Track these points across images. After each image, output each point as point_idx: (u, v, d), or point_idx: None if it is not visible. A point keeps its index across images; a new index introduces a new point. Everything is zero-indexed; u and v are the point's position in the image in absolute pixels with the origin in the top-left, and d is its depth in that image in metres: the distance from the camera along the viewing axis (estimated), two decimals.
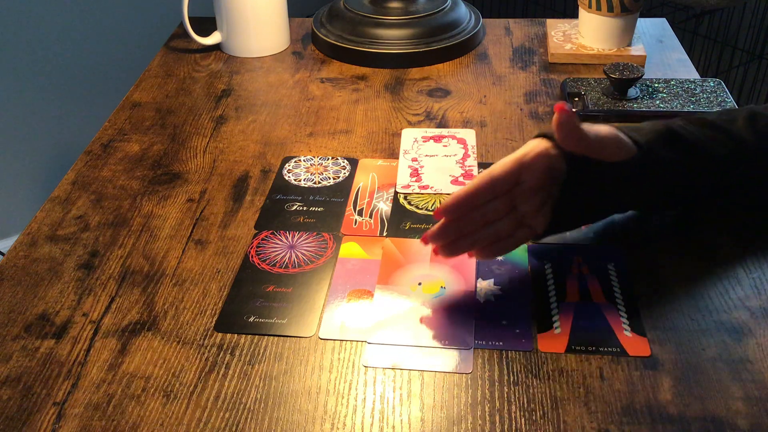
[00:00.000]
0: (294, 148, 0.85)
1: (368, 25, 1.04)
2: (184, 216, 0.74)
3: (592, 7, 1.00)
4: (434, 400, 0.55)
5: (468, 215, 0.61)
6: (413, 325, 0.61)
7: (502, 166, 0.61)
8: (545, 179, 0.61)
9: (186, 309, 0.64)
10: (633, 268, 0.66)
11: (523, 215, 0.62)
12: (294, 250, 0.70)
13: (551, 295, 0.64)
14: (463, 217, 0.61)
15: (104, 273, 0.68)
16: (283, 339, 0.61)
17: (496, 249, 0.63)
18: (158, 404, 0.55)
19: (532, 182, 0.61)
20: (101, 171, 0.82)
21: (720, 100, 0.89)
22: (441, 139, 0.86)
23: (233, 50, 1.06)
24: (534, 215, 0.62)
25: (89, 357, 0.59)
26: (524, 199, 0.62)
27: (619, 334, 0.60)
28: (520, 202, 0.62)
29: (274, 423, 0.54)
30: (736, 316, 0.61)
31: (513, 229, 0.62)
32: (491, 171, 0.60)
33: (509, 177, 0.60)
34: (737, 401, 0.54)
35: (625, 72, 0.88)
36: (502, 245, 0.63)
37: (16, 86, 1.88)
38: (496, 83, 0.97)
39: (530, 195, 0.61)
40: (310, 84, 0.99)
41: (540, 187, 0.61)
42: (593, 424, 0.53)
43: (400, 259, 0.68)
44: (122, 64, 2.00)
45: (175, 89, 0.98)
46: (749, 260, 0.67)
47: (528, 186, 0.61)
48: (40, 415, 0.55)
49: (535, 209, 0.62)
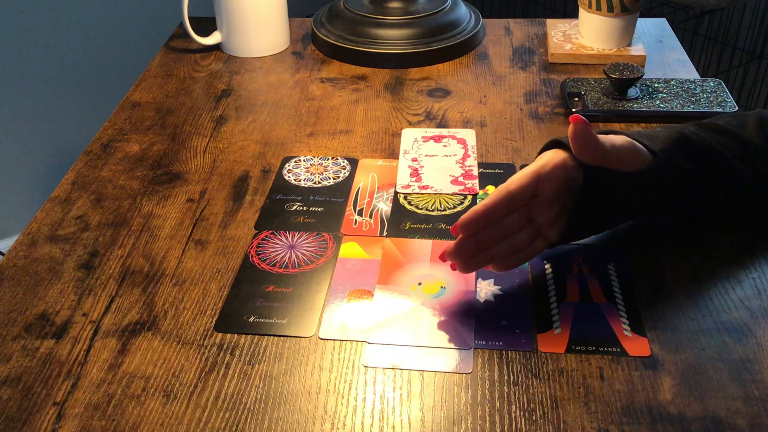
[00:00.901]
0: (294, 148, 0.85)
1: (368, 25, 1.04)
2: (184, 216, 0.74)
3: (592, 7, 1.00)
4: (434, 400, 0.55)
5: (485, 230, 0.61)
6: (413, 325, 0.61)
7: (519, 181, 0.60)
8: (562, 190, 0.61)
9: (186, 309, 0.64)
10: (633, 268, 0.66)
11: (539, 226, 0.62)
12: (294, 250, 0.70)
13: (551, 295, 0.64)
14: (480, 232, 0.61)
15: (104, 273, 0.68)
16: (283, 339, 0.61)
17: (515, 260, 0.63)
18: (158, 404, 0.55)
19: (549, 194, 0.61)
20: (101, 171, 0.82)
21: (720, 100, 0.89)
22: (441, 139, 0.86)
23: (233, 50, 1.06)
24: (550, 226, 0.62)
25: (89, 357, 0.59)
26: (540, 211, 0.62)
27: (619, 334, 0.60)
28: (536, 214, 0.62)
29: (274, 423, 0.54)
30: (736, 316, 0.61)
31: (530, 240, 0.62)
32: (508, 186, 0.60)
33: (527, 191, 0.60)
34: (737, 401, 0.54)
35: (625, 72, 0.88)
36: (519, 256, 0.63)
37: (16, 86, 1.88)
38: (496, 83, 0.97)
39: (546, 207, 0.61)
40: (310, 84, 0.99)
41: (556, 198, 0.61)
42: (593, 424, 0.53)
43: (400, 259, 0.68)
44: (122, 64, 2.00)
45: (175, 89, 0.98)
46: (749, 260, 0.67)
47: (544, 198, 0.61)
48: (40, 415, 0.55)
49: (552, 220, 0.62)
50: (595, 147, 0.59)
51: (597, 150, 0.60)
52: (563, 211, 0.63)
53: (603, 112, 0.87)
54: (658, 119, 0.87)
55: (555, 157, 0.61)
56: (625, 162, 0.62)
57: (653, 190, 0.64)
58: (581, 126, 0.58)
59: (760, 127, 0.68)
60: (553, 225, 0.63)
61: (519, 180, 0.60)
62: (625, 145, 0.62)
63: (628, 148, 0.62)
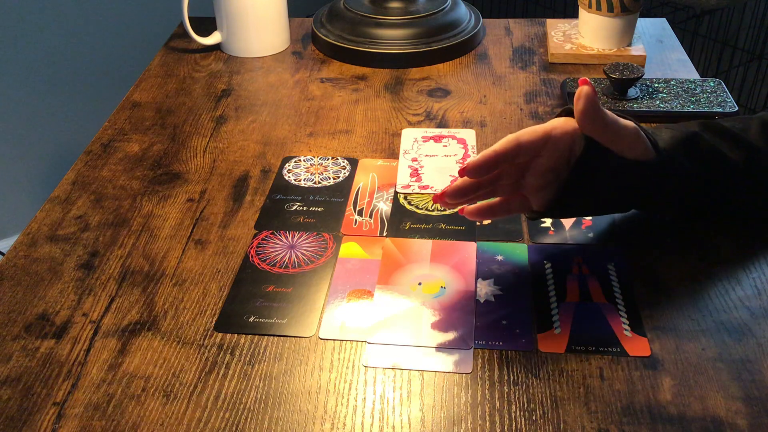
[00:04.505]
0: (294, 148, 0.85)
1: (368, 25, 1.04)
2: (184, 216, 0.74)
3: (592, 7, 1.00)
4: (434, 400, 0.55)
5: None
6: (413, 325, 0.61)
7: (531, 135, 0.60)
8: (563, 159, 0.61)
9: (186, 309, 0.64)
10: (633, 268, 0.66)
11: (527, 189, 0.62)
12: (294, 250, 0.70)
13: (551, 295, 0.64)
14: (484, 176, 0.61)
15: (104, 273, 0.68)
16: (283, 339, 0.61)
17: (488, 212, 0.64)
18: (158, 404, 0.55)
19: (550, 158, 0.61)
20: (101, 171, 0.82)
21: (720, 100, 0.89)
22: (441, 139, 0.86)
23: (233, 50, 1.06)
24: (536, 191, 0.62)
25: (89, 357, 0.59)
26: (534, 173, 0.62)
27: (619, 334, 0.60)
28: (529, 175, 0.62)
29: (274, 423, 0.54)
30: (736, 316, 0.61)
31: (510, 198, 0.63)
32: (519, 137, 0.60)
33: (534, 147, 0.60)
34: (737, 401, 0.54)
35: (625, 72, 0.88)
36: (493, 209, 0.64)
37: (16, 86, 1.88)
38: (496, 83, 0.97)
39: (542, 171, 0.61)
40: (310, 84, 0.99)
41: (555, 164, 0.61)
42: (593, 424, 0.53)
43: (400, 259, 0.68)
44: (122, 64, 2.00)
45: (175, 89, 0.98)
46: (749, 260, 0.67)
47: (544, 161, 0.61)
48: (40, 415, 0.55)
49: (541, 186, 0.62)
50: (596, 113, 0.59)
51: (598, 117, 0.59)
52: (554, 181, 0.62)
53: None
54: (658, 119, 0.87)
55: (567, 124, 0.61)
56: (625, 145, 0.61)
57: (651, 185, 0.64)
58: (587, 89, 0.58)
59: (763, 130, 0.68)
60: (539, 191, 0.62)
61: (530, 134, 0.60)
62: (629, 128, 0.61)
63: (631, 131, 0.61)
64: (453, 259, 0.68)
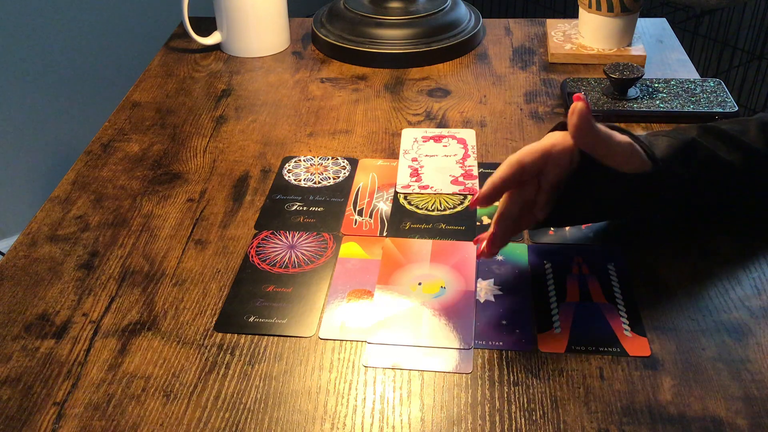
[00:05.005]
0: (294, 148, 0.85)
1: (368, 25, 1.04)
2: (184, 216, 0.74)
3: (592, 7, 1.00)
4: (434, 400, 0.55)
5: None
6: (413, 325, 0.61)
7: (532, 155, 0.60)
8: (563, 175, 0.61)
9: (186, 309, 0.64)
10: (633, 268, 0.66)
11: (533, 204, 0.63)
12: (294, 250, 0.70)
13: (551, 295, 0.64)
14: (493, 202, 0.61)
15: (104, 273, 0.68)
16: (283, 339, 0.61)
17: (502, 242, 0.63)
18: (158, 404, 0.55)
19: (553, 175, 0.61)
20: (101, 171, 0.82)
21: (720, 100, 0.89)
22: (441, 139, 0.86)
23: (233, 50, 1.06)
24: (545, 205, 0.63)
25: (89, 357, 0.59)
26: (542, 190, 0.62)
27: (619, 334, 0.60)
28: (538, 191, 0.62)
29: (274, 423, 0.54)
30: (736, 316, 0.61)
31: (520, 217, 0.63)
32: (521, 159, 0.60)
33: (536, 167, 0.61)
34: (737, 401, 0.54)
35: (625, 72, 0.88)
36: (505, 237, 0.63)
37: (16, 86, 1.88)
38: (496, 83, 0.97)
39: (548, 186, 0.62)
40: (310, 84, 0.99)
41: (558, 180, 0.61)
42: (593, 424, 0.53)
43: (400, 259, 0.68)
44: (122, 64, 2.00)
45: (175, 89, 0.98)
46: (749, 260, 0.67)
47: (547, 178, 0.61)
48: (40, 415, 0.55)
49: (549, 200, 0.62)
50: (589, 127, 0.59)
51: (591, 131, 0.59)
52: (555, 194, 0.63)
53: (603, 112, 0.87)
54: (658, 119, 0.87)
55: (565, 140, 0.61)
56: (620, 160, 0.61)
57: (649, 195, 0.64)
58: (581, 104, 0.58)
59: (761, 131, 0.68)
60: (545, 206, 0.63)
61: (531, 155, 0.60)
62: (623, 143, 0.61)
63: (625, 147, 0.61)
64: (453, 259, 0.68)
